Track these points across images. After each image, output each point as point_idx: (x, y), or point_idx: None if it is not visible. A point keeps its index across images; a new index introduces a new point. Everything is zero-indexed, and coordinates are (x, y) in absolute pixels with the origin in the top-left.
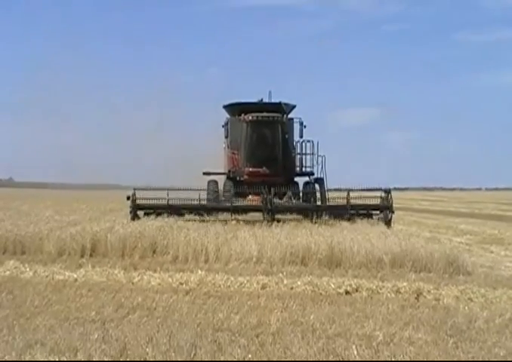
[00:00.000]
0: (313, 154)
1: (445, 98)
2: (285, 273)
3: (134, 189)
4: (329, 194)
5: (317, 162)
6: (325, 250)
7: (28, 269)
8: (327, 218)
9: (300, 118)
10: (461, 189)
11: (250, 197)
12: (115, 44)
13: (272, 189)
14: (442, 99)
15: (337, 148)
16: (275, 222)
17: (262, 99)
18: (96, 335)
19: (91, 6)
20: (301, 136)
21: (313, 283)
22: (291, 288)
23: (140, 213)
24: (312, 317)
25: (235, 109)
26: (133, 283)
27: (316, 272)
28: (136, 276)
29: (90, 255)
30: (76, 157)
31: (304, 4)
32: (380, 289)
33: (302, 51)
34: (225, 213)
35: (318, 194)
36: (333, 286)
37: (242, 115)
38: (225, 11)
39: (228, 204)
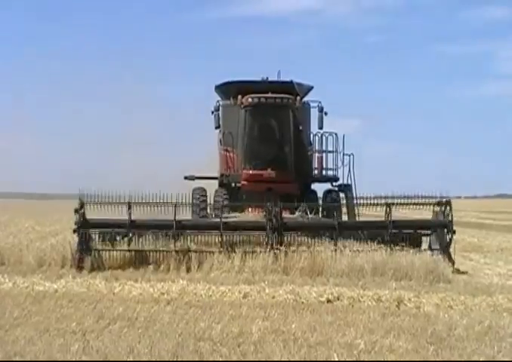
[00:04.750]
0: (336, 151)
1: (425, 109)
2: (266, 282)
3: (82, 200)
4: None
5: (343, 163)
6: (306, 258)
7: (7, 280)
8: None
9: (319, 102)
10: (441, 197)
11: (250, 210)
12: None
13: (279, 200)
14: (422, 110)
15: None
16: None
17: (267, 78)
18: (76, 347)
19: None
20: (321, 127)
21: (295, 292)
22: (273, 297)
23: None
24: (293, 326)
25: (231, 90)
26: (114, 294)
27: (297, 281)
28: (117, 286)
29: (71, 265)
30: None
31: (291, 16)
32: (362, 297)
33: (288, 61)
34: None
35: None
36: (314, 294)
37: (239, 97)
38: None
39: (216, 220)
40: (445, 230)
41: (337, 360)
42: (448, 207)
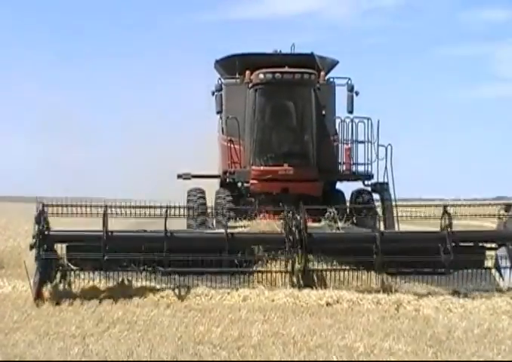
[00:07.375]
0: (370, 141)
1: (424, 111)
2: (266, 285)
3: (43, 205)
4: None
5: (377, 156)
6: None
7: (7, 284)
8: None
9: (348, 79)
10: (440, 200)
11: (261, 217)
12: None
13: (301, 203)
14: (421, 113)
15: None
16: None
17: (280, 51)
18: (76, 350)
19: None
20: (351, 111)
21: (294, 295)
22: (272, 300)
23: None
24: (293, 329)
25: (236, 65)
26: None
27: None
28: None
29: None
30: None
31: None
32: (361, 300)
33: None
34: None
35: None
36: (314, 297)
37: (247, 73)
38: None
39: (220, 231)
40: None
41: None
42: None
